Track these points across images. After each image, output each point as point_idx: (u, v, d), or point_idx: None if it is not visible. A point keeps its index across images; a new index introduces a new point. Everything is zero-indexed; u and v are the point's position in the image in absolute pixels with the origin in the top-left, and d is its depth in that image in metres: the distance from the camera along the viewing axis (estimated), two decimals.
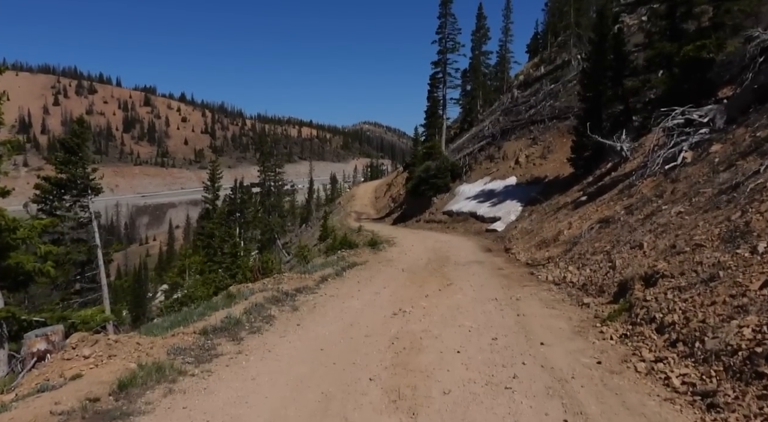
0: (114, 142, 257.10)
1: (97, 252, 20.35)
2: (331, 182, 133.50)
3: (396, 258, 16.21)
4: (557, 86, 39.98)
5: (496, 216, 27.27)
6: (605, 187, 17.98)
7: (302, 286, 10.28)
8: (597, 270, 9.52)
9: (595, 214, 14.03)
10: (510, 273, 12.19)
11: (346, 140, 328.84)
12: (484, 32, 60.85)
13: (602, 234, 12.00)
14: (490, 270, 13.01)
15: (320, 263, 14.31)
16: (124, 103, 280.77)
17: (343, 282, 11.31)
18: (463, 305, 8.67)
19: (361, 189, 79.80)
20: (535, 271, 11.98)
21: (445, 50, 46.13)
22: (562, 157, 29.68)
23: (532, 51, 73.59)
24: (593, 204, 15.84)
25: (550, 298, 9.03)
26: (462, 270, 13.09)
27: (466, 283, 10.90)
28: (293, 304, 9.00)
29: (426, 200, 38.14)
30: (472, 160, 39.57)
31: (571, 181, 25.24)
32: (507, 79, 64.99)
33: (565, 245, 13.35)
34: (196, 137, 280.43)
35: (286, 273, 12.18)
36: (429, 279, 11.67)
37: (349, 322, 7.77)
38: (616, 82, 23.70)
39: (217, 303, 8.80)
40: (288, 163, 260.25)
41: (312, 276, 11.34)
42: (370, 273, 12.78)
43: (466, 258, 16.18)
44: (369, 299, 9.47)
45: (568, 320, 7.39)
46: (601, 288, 8.51)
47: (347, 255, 17.82)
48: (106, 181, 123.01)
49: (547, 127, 34.54)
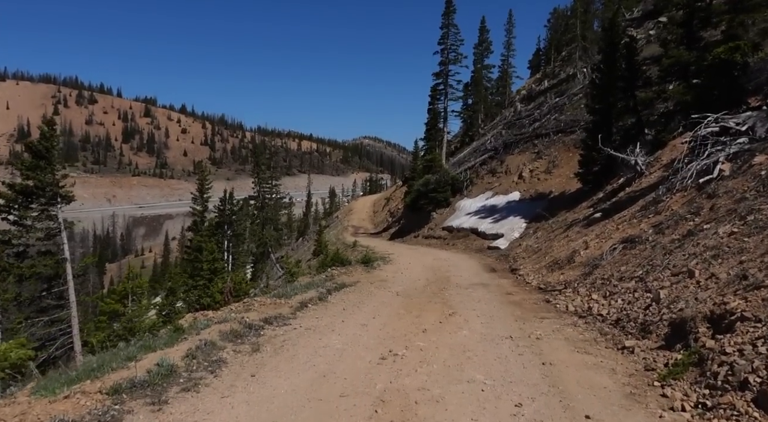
0: (113, 153, 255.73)
1: (65, 266, 18.62)
2: (329, 196, 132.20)
3: (391, 279, 14.50)
4: (562, 99, 38.55)
5: (499, 233, 25.79)
6: (621, 203, 16.38)
7: (274, 315, 8.52)
8: (632, 302, 7.83)
9: (616, 233, 12.38)
10: (522, 301, 10.47)
11: (345, 154, 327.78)
12: (486, 46, 59.75)
13: (628, 257, 10.34)
14: (497, 295, 11.30)
15: (305, 283, 12.60)
16: (124, 113, 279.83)
17: (325, 309, 9.57)
18: (470, 346, 6.97)
19: (360, 203, 78.44)
20: (551, 298, 10.27)
21: (446, 61, 44.72)
22: (569, 172, 28.35)
23: (534, 67, 72.76)
24: (611, 221, 14.20)
25: (579, 337, 7.34)
26: (465, 294, 11.40)
27: (472, 313, 9.21)
28: (255, 342, 7.20)
29: (425, 215, 36.52)
30: (474, 174, 38.01)
31: (579, 196, 23.76)
32: (509, 94, 63.83)
33: (582, 267, 11.68)
34: (195, 149, 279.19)
35: (258, 297, 10.34)
36: (427, 306, 9.95)
37: (323, 372, 5.98)
38: (628, 94, 22.27)
39: (157, 340, 7.04)
40: (287, 175, 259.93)
41: (290, 302, 9.59)
42: (360, 297, 11.01)
43: (468, 279, 14.50)
44: (353, 334, 7.76)
45: (612, 373, 5.66)
46: (644, 327, 6.80)
47: (337, 273, 16.13)
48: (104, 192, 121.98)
49: (552, 141, 33.09)
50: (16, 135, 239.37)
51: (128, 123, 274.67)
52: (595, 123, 23.73)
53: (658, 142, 21.05)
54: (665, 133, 21.25)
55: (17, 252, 18.20)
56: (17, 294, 17.67)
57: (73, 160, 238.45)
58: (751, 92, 16.17)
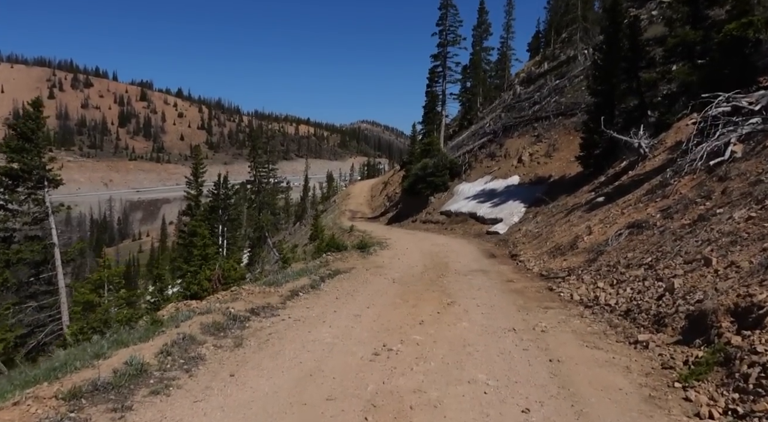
0: (109, 137, 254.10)
1: (54, 251, 18.12)
2: (327, 180, 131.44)
3: (387, 265, 14.03)
4: (563, 82, 37.83)
5: (498, 217, 25.35)
6: (625, 186, 15.89)
7: (262, 305, 8.02)
8: (643, 292, 7.35)
9: (621, 218, 11.88)
10: (524, 288, 10.00)
11: (343, 138, 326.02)
12: (485, 28, 58.83)
13: (635, 243, 9.86)
14: (498, 282, 10.83)
15: (298, 270, 12.11)
16: (120, 97, 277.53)
17: (317, 299, 9.07)
18: (470, 340, 6.49)
19: (357, 187, 77.83)
20: (554, 286, 9.79)
21: (445, 43, 43.91)
22: (569, 156, 27.84)
23: (533, 49, 71.65)
24: (615, 206, 13.71)
25: (587, 330, 6.87)
26: (464, 282, 10.92)
27: (472, 302, 8.73)
28: (239, 335, 6.66)
29: (423, 199, 36.00)
30: (472, 157, 37.41)
31: (580, 180, 23.28)
32: (508, 77, 62.92)
33: (587, 254, 11.20)
34: (192, 133, 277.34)
35: (246, 286, 9.81)
36: (425, 294, 9.48)
37: (310, 370, 5.45)
38: (631, 75, 21.71)
39: (133, 334, 6.52)
40: (285, 160, 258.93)
41: (280, 290, 9.08)
42: (354, 284, 10.51)
43: (467, 265, 14.03)
44: (345, 326, 7.24)
45: (627, 372, 5.19)
46: (657, 319, 6.32)
47: (332, 259, 15.65)
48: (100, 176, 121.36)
49: (552, 124, 32.48)
50: (11, 118, 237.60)
51: (124, 107, 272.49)
52: (597, 105, 23.17)
53: (662, 124, 20.52)
54: (669, 115, 20.71)
55: (3, 238, 17.70)
56: (4, 279, 17.18)
57: (70, 144, 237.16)
58: (762, 71, 15.61)
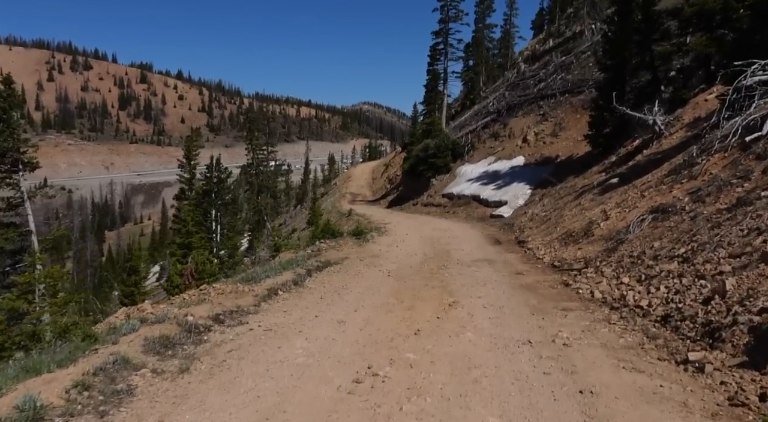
0: (110, 120, 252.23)
1: (31, 238, 17.01)
2: (329, 162, 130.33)
3: (384, 254, 12.86)
4: (569, 58, 36.32)
5: (502, 200, 24.22)
6: (641, 166, 14.63)
7: (231, 309, 6.83)
8: (682, 292, 6.14)
9: (642, 201, 10.65)
10: (535, 283, 8.80)
11: (345, 120, 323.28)
12: (488, 4, 57.09)
13: (662, 230, 8.65)
14: (506, 275, 9.63)
15: (285, 261, 10.93)
16: (120, 79, 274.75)
17: (298, 299, 7.86)
18: (477, 359, 5.28)
19: (358, 170, 76.72)
20: (570, 280, 8.60)
21: (447, 19, 42.18)
22: (576, 135, 26.64)
23: (537, 27, 69.87)
24: (632, 187, 12.47)
25: (619, 342, 5.65)
26: (468, 274, 9.75)
27: (477, 303, 7.54)
28: (190, 355, 5.43)
29: (424, 181, 34.77)
30: (475, 138, 36.07)
31: (589, 160, 22.06)
32: (511, 56, 61.24)
33: (604, 242, 9.99)
34: (192, 115, 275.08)
35: (217, 284, 8.48)
36: (423, 292, 8.28)
37: (267, 409, 4.17)
38: (644, 48, 20.32)
39: (57, 354, 5.24)
40: (286, 142, 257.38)
41: (256, 288, 7.88)
42: (344, 279, 9.31)
43: (471, 253, 12.86)
44: (325, 338, 6.03)
45: (685, 411, 3.92)
46: (709, 331, 5.08)
47: (325, 247, 14.50)
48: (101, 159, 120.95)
49: (558, 102, 31.13)
50: None
51: (124, 89, 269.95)
52: (608, 80, 21.84)
53: (677, 100, 19.25)
54: (685, 91, 19.45)
55: None
56: None
57: (70, 128, 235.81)
58: None
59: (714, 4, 17.05)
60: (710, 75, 18.89)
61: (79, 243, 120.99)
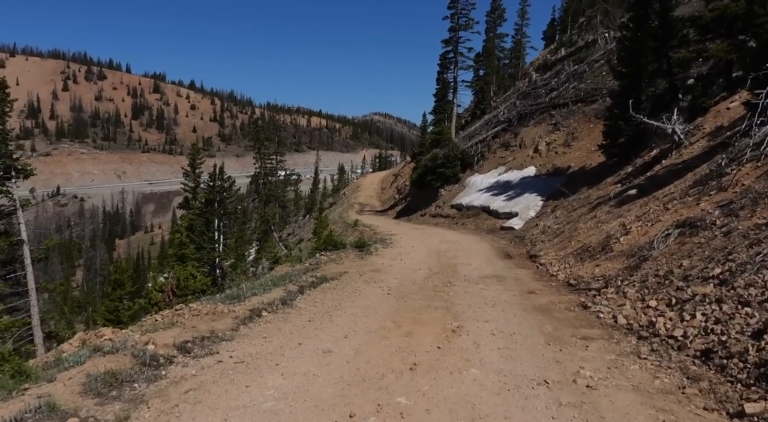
0: (122, 129, 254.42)
1: (23, 248, 16.45)
2: (338, 172, 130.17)
3: (386, 268, 12.15)
4: (582, 66, 35.61)
5: (513, 211, 23.54)
6: (661, 177, 13.86)
7: (203, 334, 6.10)
8: (725, 321, 5.28)
9: (665, 215, 9.85)
10: (550, 305, 8.00)
11: (355, 130, 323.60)
12: (499, 13, 56.73)
13: (691, 246, 7.86)
14: (517, 295, 8.84)
15: (278, 275, 10.26)
16: (134, 89, 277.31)
17: (284, 322, 7.08)
18: (482, 406, 4.40)
19: (368, 179, 76.29)
20: (588, 302, 7.81)
21: (457, 27, 41.73)
22: (590, 145, 25.99)
23: (548, 38, 69.25)
24: (653, 200, 11.68)
25: (654, 384, 4.77)
26: (475, 293, 8.99)
27: (484, 328, 6.74)
28: (137, 396, 4.62)
29: (432, 192, 34.06)
30: (485, 147, 35.36)
31: (603, 171, 21.37)
32: (522, 66, 60.61)
33: (625, 258, 9.20)
34: (204, 125, 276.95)
35: (194, 304, 7.71)
36: (424, 314, 7.53)
37: None
38: (661, 54, 19.65)
39: None
40: (296, 152, 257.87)
41: (237, 309, 7.14)
42: (339, 297, 8.57)
43: (479, 268, 12.12)
44: (304, 374, 5.20)
45: None
46: (765, 372, 4.29)
47: (325, 260, 13.83)
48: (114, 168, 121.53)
49: (570, 111, 30.43)
50: (26, 111, 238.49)
51: (137, 99, 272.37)
52: (623, 88, 21.17)
53: (697, 108, 18.56)
54: (705, 99, 18.73)
55: None
56: None
57: (83, 137, 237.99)
58: None
59: (736, 9, 16.41)
60: (731, 82, 18.14)
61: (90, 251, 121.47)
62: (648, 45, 19.86)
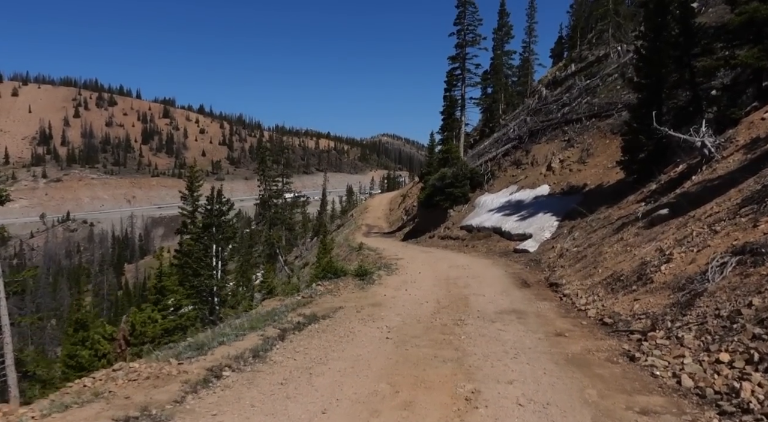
0: (132, 154, 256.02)
1: None
2: (347, 194, 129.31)
3: (388, 302, 10.70)
4: (594, 81, 34.33)
5: (527, 232, 22.15)
6: (695, 195, 12.37)
7: (127, 415, 4.48)
8: None
9: (714, 239, 8.32)
10: (586, 354, 6.37)
11: (363, 152, 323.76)
12: (506, 30, 55.78)
13: (757, 279, 6.35)
14: (543, 339, 7.25)
15: (257, 315, 8.79)
16: (143, 114, 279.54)
17: (248, 385, 5.48)
18: None
19: (376, 200, 75.23)
20: (634, 350, 6.22)
21: (464, 43, 40.67)
22: (606, 161, 24.65)
23: (556, 55, 68.39)
24: (693, 221, 10.17)
25: None
26: (493, 336, 7.46)
27: (509, 396, 5.11)
28: None
29: (441, 212, 32.64)
30: (495, 166, 33.98)
31: (623, 189, 19.96)
32: (531, 84, 59.51)
33: (671, 292, 7.68)
34: (213, 149, 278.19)
35: (136, 363, 6.21)
36: (429, 371, 5.97)
37: None
38: (683, 64, 18.34)
39: None
40: (305, 174, 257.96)
41: (191, 367, 5.50)
42: (328, 345, 7.02)
43: (495, 300, 10.64)
44: None
45: None
46: None
47: (322, 291, 12.41)
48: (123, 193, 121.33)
49: (584, 127, 29.10)
50: (38, 138, 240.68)
51: (147, 124, 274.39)
52: (642, 101, 19.83)
53: (726, 119, 17.16)
54: (734, 109, 17.33)
55: None
56: None
57: (94, 162, 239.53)
58: None
59: (766, 11, 15.11)
60: (763, 91, 16.77)
61: (98, 276, 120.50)
62: (668, 54, 18.61)
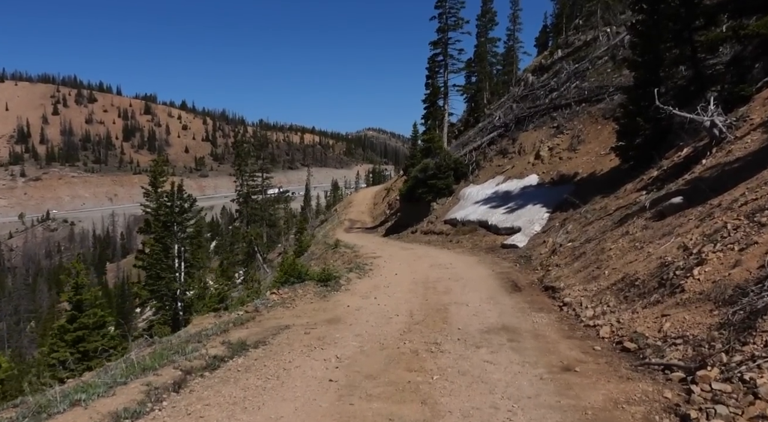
0: (114, 151, 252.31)
1: None
2: (332, 188, 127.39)
3: (350, 317, 8.73)
4: (583, 64, 32.52)
5: (515, 226, 20.45)
6: (713, 180, 10.50)
7: None
8: None
9: (760, 234, 6.39)
10: (613, 410, 4.14)
11: (349, 146, 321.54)
12: (490, 17, 54.00)
13: None
14: (547, 379, 4.98)
15: (167, 346, 6.74)
16: (124, 111, 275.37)
17: None
18: None
19: (360, 195, 73.39)
20: (680, 400, 4.17)
21: (445, 28, 38.66)
22: (598, 148, 23.04)
23: (541, 45, 66.64)
24: (718, 211, 8.28)
25: None
26: (476, 374, 5.37)
27: None
28: None
29: (424, 206, 30.72)
30: (481, 155, 32.08)
31: (618, 177, 18.28)
32: (516, 73, 57.73)
33: (713, 305, 5.70)
34: (196, 145, 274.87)
35: None
36: None
37: None
38: (683, 39, 16.53)
39: None
40: (290, 169, 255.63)
41: None
42: (238, 399, 4.60)
43: (480, 312, 8.71)
44: None
45: None
46: None
47: (272, 303, 10.45)
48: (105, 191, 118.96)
49: (574, 113, 27.35)
50: (15, 136, 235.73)
51: (128, 121, 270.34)
52: (639, 80, 18.01)
53: (735, 97, 15.36)
54: (744, 85, 15.51)
55: None
56: None
57: (74, 160, 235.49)
58: None
59: None
60: None
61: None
62: (667, 28, 16.79)
